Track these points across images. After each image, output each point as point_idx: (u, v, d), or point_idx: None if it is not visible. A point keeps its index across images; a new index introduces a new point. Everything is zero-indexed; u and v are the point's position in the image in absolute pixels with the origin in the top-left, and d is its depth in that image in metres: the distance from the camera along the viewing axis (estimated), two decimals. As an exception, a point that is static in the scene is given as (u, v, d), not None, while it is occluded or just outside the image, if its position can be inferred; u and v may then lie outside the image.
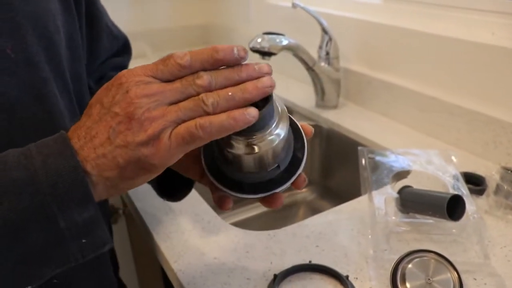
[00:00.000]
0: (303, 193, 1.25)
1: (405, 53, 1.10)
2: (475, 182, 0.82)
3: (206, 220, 0.76)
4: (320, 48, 1.19)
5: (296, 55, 1.15)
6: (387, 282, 0.60)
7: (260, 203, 0.49)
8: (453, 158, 0.85)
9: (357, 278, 0.62)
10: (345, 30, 1.24)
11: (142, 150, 0.37)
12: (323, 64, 1.19)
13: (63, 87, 0.54)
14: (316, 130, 1.21)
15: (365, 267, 0.64)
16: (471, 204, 0.72)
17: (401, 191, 0.75)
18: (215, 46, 0.39)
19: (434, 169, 0.83)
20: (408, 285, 0.58)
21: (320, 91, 1.22)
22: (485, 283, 0.61)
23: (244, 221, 1.13)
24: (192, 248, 0.69)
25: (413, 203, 0.72)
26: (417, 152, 0.89)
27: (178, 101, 0.38)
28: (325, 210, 0.79)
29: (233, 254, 0.68)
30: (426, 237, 0.69)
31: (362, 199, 0.80)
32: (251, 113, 0.38)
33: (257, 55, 1.07)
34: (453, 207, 0.67)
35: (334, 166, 1.21)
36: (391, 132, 1.08)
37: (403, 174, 0.84)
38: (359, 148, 0.87)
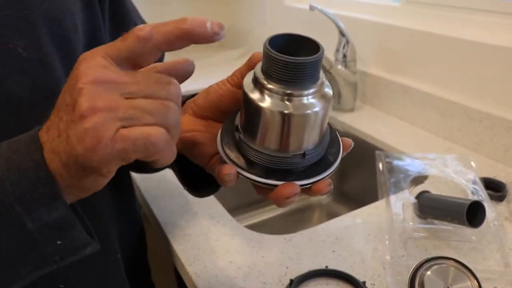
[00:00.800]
0: (318, 196, 1.24)
1: (423, 56, 1.08)
2: (495, 188, 0.81)
3: (221, 223, 0.76)
4: (337, 50, 1.18)
5: (312, 58, 1.14)
6: (405, 289, 0.59)
7: (262, 195, 0.42)
8: (472, 163, 0.84)
9: (374, 284, 0.61)
10: (362, 32, 1.23)
11: (77, 147, 0.31)
12: (340, 67, 1.18)
13: None
14: (332, 133, 1.20)
15: (382, 273, 0.63)
16: (491, 210, 0.70)
17: (419, 196, 0.74)
18: (184, 16, 0.34)
19: (452, 174, 0.82)
20: (426, 292, 0.57)
21: (336, 94, 1.21)
22: (506, 292, 0.59)
23: (258, 224, 1.13)
24: (207, 251, 0.69)
25: (431, 208, 0.71)
26: (435, 156, 0.88)
27: (135, 96, 0.33)
28: (340, 214, 0.79)
29: (248, 258, 0.67)
30: (444, 243, 0.68)
31: (379, 204, 0.79)
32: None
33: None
34: (473, 214, 0.66)
35: (350, 169, 1.20)
36: (408, 136, 1.07)
37: (420, 179, 0.83)
38: (377, 152, 0.86)
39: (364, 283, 0.60)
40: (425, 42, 1.07)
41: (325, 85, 0.39)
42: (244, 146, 0.41)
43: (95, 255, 0.57)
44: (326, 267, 0.64)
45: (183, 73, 0.40)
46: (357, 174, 1.18)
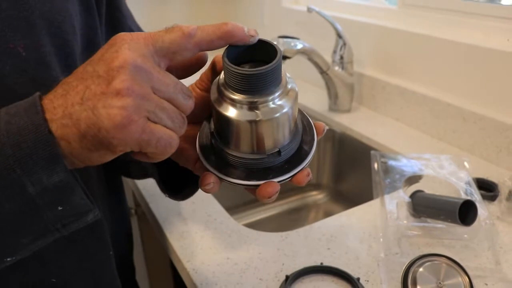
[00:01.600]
0: (314, 196, 1.25)
1: (419, 58, 1.10)
2: (487, 188, 0.82)
3: (218, 221, 0.77)
4: (334, 52, 1.19)
5: (310, 59, 1.15)
6: (398, 285, 0.61)
7: (250, 193, 0.44)
8: (465, 163, 0.85)
9: (368, 280, 0.63)
10: (359, 35, 1.24)
11: (105, 120, 0.32)
12: (337, 68, 1.19)
13: None
14: (328, 134, 1.21)
15: (376, 270, 0.65)
16: (484, 209, 0.72)
17: (413, 196, 0.75)
18: (225, 21, 0.37)
19: (446, 174, 0.83)
20: (419, 288, 0.58)
21: (333, 95, 1.23)
22: (496, 289, 0.61)
23: (255, 223, 1.14)
24: (205, 248, 0.70)
25: (425, 207, 0.73)
26: (429, 157, 0.89)
27: (161, 95, 0.35)
28: (336, 213, 0.80)
29: (245, 254, 0.68)
30: (437, 241, 0.70)
31: (373, 203, 0.80)
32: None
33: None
34: (465, 212, 0.68)
35: (345, 170, 1.22)
36: (403, 137, 1.08)
37: (415, 178, 0.84)
38: (372, 152, 0.87)
39: (358, 279, 0.62)
40: (422, 44, 1.08)
41: (288, 82, 0.40)
42: (221, 151, 0.42)
43: (89, 251, 0.58)
44: (321, 263, 0.65)
45: (202, 60, 0.42)
46: (353, 174, 1.19)
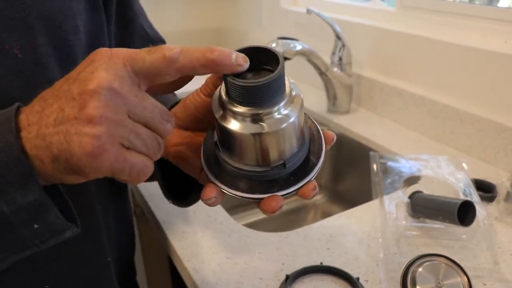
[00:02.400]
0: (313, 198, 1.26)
1: (418, 60, 1.10)
2: (485, 189, 0.83)
3: (218, 221, 0.77)
4: (333, 53, 1.20)
5: (309, 60, 1.16)
6: (398, 285, 0.61)
7: (256, 205, 0.42)
8: (464, 165, 0.86)
9: (367, 280, 0.63)
10: (358, 36, 1.25)
11: (77, 149, 0.31)
12: (335, 69, 1.20)
13: None
14: (327, 134, 1.22)
15: (375, 270, 0.65)
16: (482, 210, 0.72)
17: (412, 196, 0.76)
18: (211, 46, 0.35)
19: (444, 175, 0.84)
20: (418, 288, 0.58)
21: (332, 97, 1.23)
22: (495, 289, 0.61)
23: (254, 223, 1.14)
24: (205, 247, 0.71)
25: (423, 208, 0.73)
26: (428, 158, 0.90)
27: (137, 118, 0.33)
28: (334, 214, 0.80)
29: (245, 254, 0.69)
30: (436, 242, 0.70)
31: (372, 204, 0.81)
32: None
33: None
34: (464, 213, 0.68)
35: (344, 171, 1.22)
36: (402, 138, 1.09)
37: (414, 179, 0.85)
38: (371, 153, 0.88)
39: (358, 279, 0.62)
40: (420, 46, 1.09)
41: (292, 89, 0.38)
42: (224, 163, 0.40)
43: (84, 257, 0.57)
44: (321, 263, 0.66)
45: (187, 77, 0.41)
46: (352, 175, 1.20)
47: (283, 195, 0.39)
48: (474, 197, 0.76)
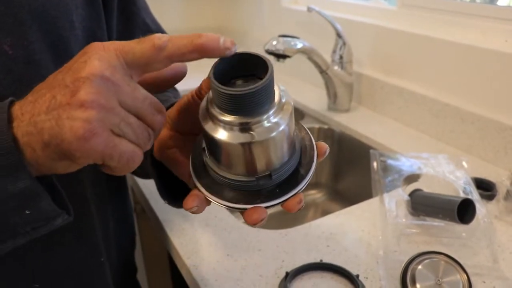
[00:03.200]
0: (313, 195, 1.26)
1: (418, 59, 1.10)
2: (485, 187, 0.83)
3: (219, 218, 0.77)
4: (333, 52, 1.20)
5: (310, 59, 1.16)
6: (397, 282, 0.61)
7: (241, 214, 0.40)
8: (464, 163, 0.86)
9: (367, 277, 0.63)
10: (359, 35, 1.25)
11: (68, 132, 0.31)
12: (336, 68, 1.20)
13: None
14: (327, 133, 1.22)
15: (375, 267, 0.65)
16: (482, 208, 0.72)
17: (412, 194, 0.76)
18: (200, 33, 0.35)
19: (445, 173, 0.84)
20: (418, 285, 0.59)
21: (332, 95, 1.23)
22: (494, 286, 0.61)
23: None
24: (205, 245, 0.71)
25: (423, 206, 0.73)
26: (428, 156, 0.90)
27: (128, 108, 0.34)
28: (335, 212, 0.80)
29: (245, 251, 0.69)
30: (436, 239, 0.70)
31: (373, 201, 0.81)
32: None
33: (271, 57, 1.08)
34: (464, 211, 0.68)
35: (344, 169, 1.22)
36: (402, 136, 1.09)
37: (414, 177, 0.85)
38: (371, 151, 0.88)
39: (357, 276, 0.62)
40: (421, 45, 1.09)
41: (282, 96, 0.36)
42: (211, 170, 0.39)
43: (76, 257, 0.56)
44: (320, 260, 0.66)
45: (180, 74, 0.41)
46: (352, 173, 1.20)
47: (266, 207, 0.38)
48: (474, 195, 0.76)
